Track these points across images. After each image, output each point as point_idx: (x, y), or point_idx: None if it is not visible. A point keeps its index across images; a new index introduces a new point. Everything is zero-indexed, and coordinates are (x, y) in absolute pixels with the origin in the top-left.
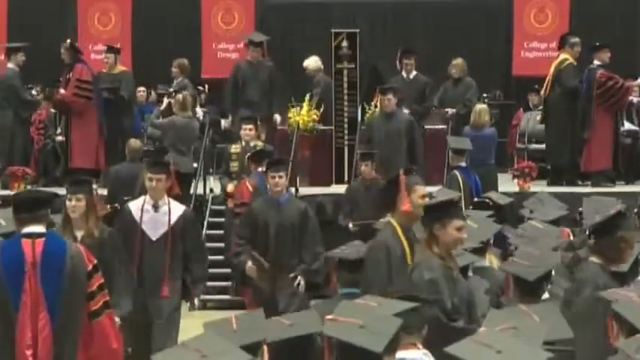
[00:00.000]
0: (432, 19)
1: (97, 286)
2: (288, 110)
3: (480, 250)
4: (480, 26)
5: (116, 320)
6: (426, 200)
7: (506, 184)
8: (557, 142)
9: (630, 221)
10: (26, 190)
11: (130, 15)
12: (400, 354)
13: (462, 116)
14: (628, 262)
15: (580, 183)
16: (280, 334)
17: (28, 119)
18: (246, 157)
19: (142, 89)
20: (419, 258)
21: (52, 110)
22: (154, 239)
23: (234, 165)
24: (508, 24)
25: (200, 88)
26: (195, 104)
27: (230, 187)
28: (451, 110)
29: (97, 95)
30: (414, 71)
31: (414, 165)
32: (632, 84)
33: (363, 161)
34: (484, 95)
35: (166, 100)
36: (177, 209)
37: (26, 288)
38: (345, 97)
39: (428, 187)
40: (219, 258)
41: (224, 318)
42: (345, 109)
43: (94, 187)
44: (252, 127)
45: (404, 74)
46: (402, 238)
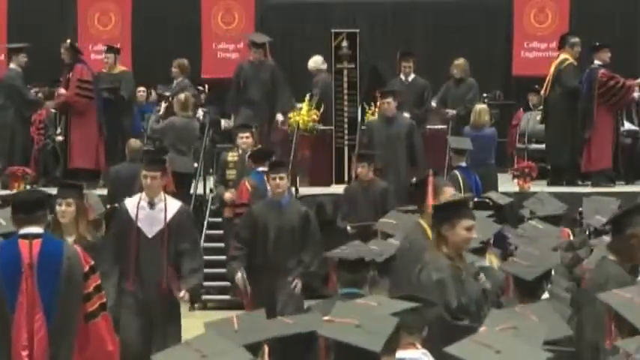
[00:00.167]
0: (432, 19)
1: (93, 288)
2: (291, 109)
3: (480, 250)
4: (480, 26)
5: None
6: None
7: (506, 184)
8: (557, 142)
9: None
10: (25, 191)
11: (130, 15)
12: (399, 354)
13: (463, 116)
14: None
15: (580, 183)
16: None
17: (29, 119)
18: (247, 157)
19: (141, 89)
20: (428, 258)
21: (52, 110)
22: (149, 236)
23: (230, 173)
24: (508, 24)
25: (200, 88)
26: (197, 105)
27: (227, 195)
28: (451, 111)
29: (97, 95)
30: (412, 74)
31: (415, 169)
32: (634, 83)
33: (359, 162)
34: (484, 95)
35: (164, 105)
36: (173, 206)
37: (23, 289)
38: (345, 97)
39: None
40: (219, 258)
41: (225, 318)
42: (345, 109)
43: (84, 191)
44: (248, 134)
45: (402, 77)
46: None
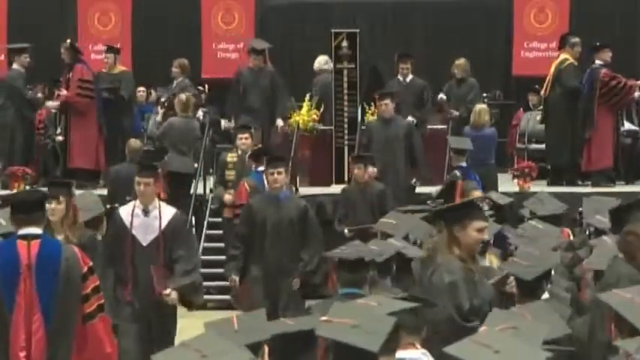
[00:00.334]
0: (432, 19)
1: (91, 289)
2: (290, 116)
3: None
4: (480, 26)
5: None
6: (484, 205)
7: (506, 184)
8: (557, 142)
9: None
10: (24, 191)
11: (130, 15)
12: (399, 354)
13: (464, 117)
14: None
15: (580, 183)
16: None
17: (31, 119)
18: (247, 156)
19: (141, 89)
20: (440, 260)
21: (52, 110)
22: (144, 244)
23: (230, 174)
24: (508, 24)
25: (200, 88)
26: (197, 105)
27: (227, 197)
28: (455, 112)
29: (97, 95)
30: (410, 75)
31: (415, 171)
32: (635, 83)
33: (355, 164)
34: (484, 95)
35: (161, 111)
36: (168, 213)
37: (21, 290)
38: (345, 97)
39: (428, 188)
40: (219, 258)
41: (225, 318)
42: (345, 109)
43: (82, 191)
44: (247, 136)
45: (400, 78)
46: None
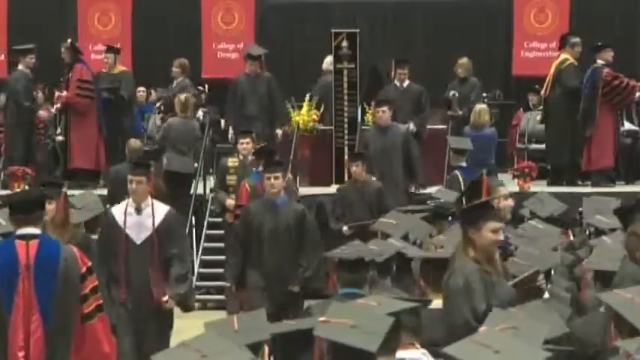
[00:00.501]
0: (432, 19)
1: (90, 289)
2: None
3: None
4: (480, 26)
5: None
6: (510, 202)
7: (507, 184)
8: (557, 142)
9: None
10: (22, 191)
11: (130, 15)
12: (399, 354)
13: (466, 117)
14: None
15: (580, 183)
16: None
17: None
18: (251, 154)
19: (141, 89)
20: (455, 263)
21: (52, 110)
22: (137, 243)
23: (231, 178)
24: (508, 24)
25: (200, 88)
26: (197, 105)
27: (229, 202)
28: (460, 112)
29: (97, 95)
30: (407, 80)
31: (413, 180)
32: (637, 84)
33: (353, 162)
34: (484, 95)
35: (159, 116)
36: (161, 211)
37: (19, 290)
38: (345, 97)
39: (427, 188)
40: (219, 258)
41: (225, 318)
42: (345, 109)
43: (64, 190)
44: (249, 140)
45: (397, 83)
46: None
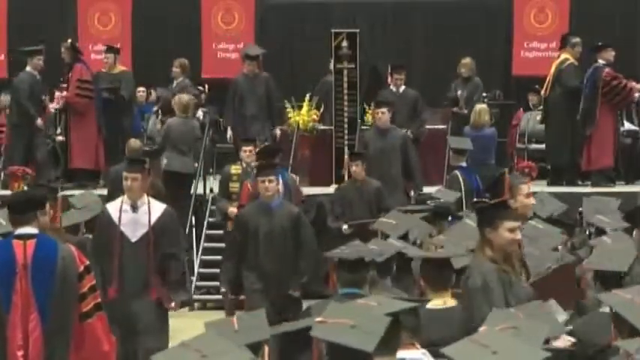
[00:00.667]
0: (432, 19)
1: (88, 288)
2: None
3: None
4: (480, 26)
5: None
6: (532, 199)
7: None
8: (557, 142)
9: None
10: (20, 191)
11: (130, 15)
12: (400, 354)
13: (464, 116)
14: None
15: (580, 183)
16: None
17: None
18: (256, 153)
19: (141, 89)
20: (473, 263)
21: (52, 110)
22: (133, 241)
23: (233, 186)
24: (508, 24)
25: (200, 88)
26: (197, 105)
27: (231, 209)
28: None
29: (97, 95)
30: (402, 85)
31: (411, 182)
32: (636, 85)
33: (353, 161)
34: (484, 95)
35: (158, 119)
36: (157, 209)
37: (17, 289)
38: (345, 97)
39: (427, 188)
40: (219, 258)
41: (225, 318)
42: (345, 109)
43: (58, 196)
44: (251, 148)
45: (393, 88)
46: None
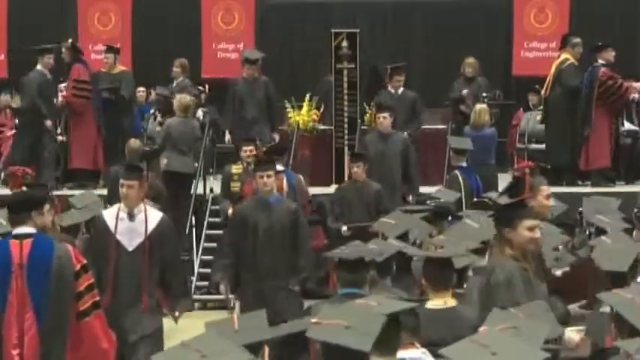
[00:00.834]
0: (432, 19)
1: (85, 287)
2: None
3: (480, 250)
4: (480, 26)
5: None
6: (551, 200)
7: (506, 184)
8: (557, 142)
9: None
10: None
11: (130, 15)
12: (400, 354)
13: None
14: None
15: (580, 183)
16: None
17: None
18: (262, 152)
19: (141, 89)
20: (493, 261)
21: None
22: (129, 249)
23: (235, 185)
24: (508, 24)
25: (200, 88)
26: (197, 105)
27: (231, 211)
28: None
29: (96, 95)
30: (401, 87)
31: (410, 187)
32: (632, 85)
33: (354, 163)
34: (484, 95)
35: (156, 121)
36: (155, 217)
37: (13, 288)
38: (345, 97)
39: (427, 188)
40: None
41: (225, 318)
42: (345, 109)
43: (52, 195)
44: (252, 148)
45: (392, 90)
46: None
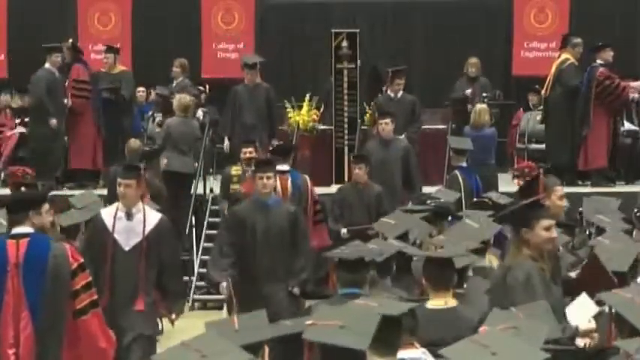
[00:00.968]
0: (432, 19)
1: (81, 285)
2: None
3: (480, 250)
4: (480, 26)
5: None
6: (564, 201)
7: (506, 184)
8: (557, 142)
9: None
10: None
11: (130, 15)
12: (400, 354)
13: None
14: None
15: (580, 183)
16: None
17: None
18: (269, 153)
19: (141, 89)
20: (511, 261)
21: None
22: (126, 249)
23: (234, 187)
24: (508, 24)
25: (200, 88)
26: (197, 105)
27: (224, 206)
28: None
29: (96, 95)
30: (401, 91)
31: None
32: (629, 84)
33: (356, 164)
34: (484, 95)
35: (155, 123)
36: (153, 218)
37: (9, 288)
38: (345, 97)
39: (427, 188)
40: None
41: (225, 318)
42: (345, 109)
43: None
44: (251, 150)
45: (392, 94)
46: None
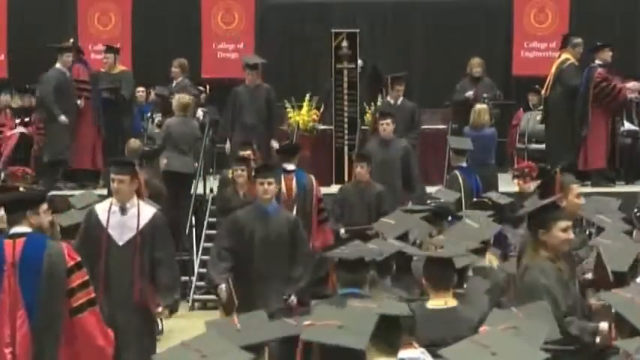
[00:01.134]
0: (432, 19)
1: (78, 284)
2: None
3: (480, 250)
4: (480, 26)
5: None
6: (582, 199)
7: (506, 184)
8: (557, 142)
9: None
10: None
11: (130, 15)
12: (399, 354)
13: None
14: None
15: (580, 183)
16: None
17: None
18: (276, 152)
19: (141, 89)
20: (528, 262)
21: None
22: (120, 244)
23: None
24: (508, 24)
25: (200, 88)
26: (197, 105)
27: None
28: None
29: (96, 95)
30: (401, 97)
31: (411, 194)
32: (626, 86)
33: (358, 162)
34: (484, 95)
35: (155, 124)
36: (147, 213)
37: (5, 287)
38: (345, 97)
39: (427, 188)
40: None
41: (226, 318)
42: (345, 109)
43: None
44: (249, 152)
45: (391, 101)
46: None
